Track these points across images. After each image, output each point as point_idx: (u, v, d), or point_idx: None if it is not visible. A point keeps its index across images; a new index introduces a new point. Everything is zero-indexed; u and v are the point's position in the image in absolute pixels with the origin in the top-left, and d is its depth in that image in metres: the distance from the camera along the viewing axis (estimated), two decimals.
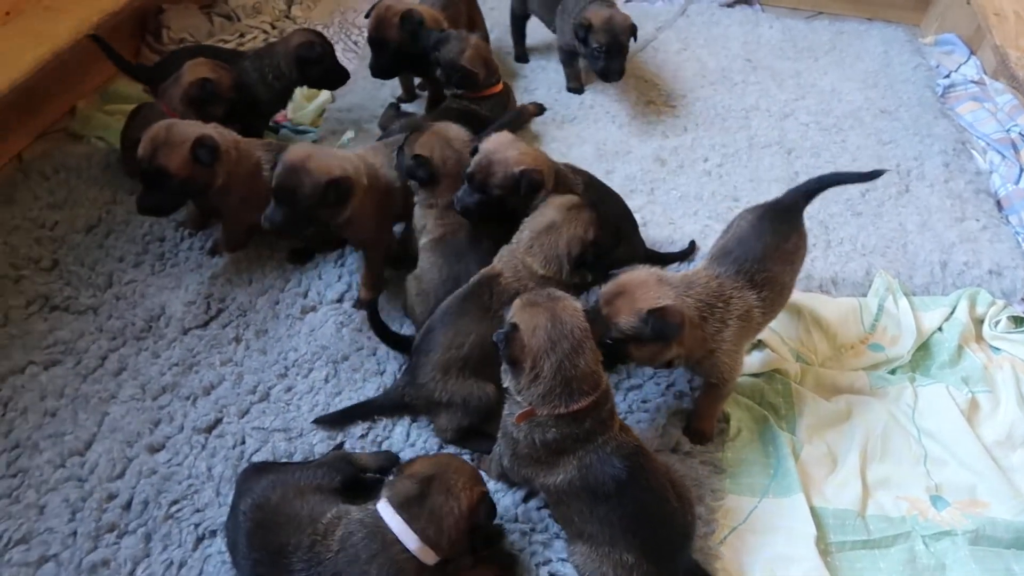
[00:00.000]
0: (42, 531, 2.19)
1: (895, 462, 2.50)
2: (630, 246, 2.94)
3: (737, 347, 2.32)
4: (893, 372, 2.77)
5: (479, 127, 3.12)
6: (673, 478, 2.08)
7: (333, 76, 3.44)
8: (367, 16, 3.49)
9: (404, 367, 2.54)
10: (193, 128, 2.69)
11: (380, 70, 3.52)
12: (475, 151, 2.65)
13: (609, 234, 2.51)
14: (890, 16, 4.93)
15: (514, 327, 1.93)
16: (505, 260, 2.46)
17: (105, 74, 3.94)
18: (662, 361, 2.23)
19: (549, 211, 2.47)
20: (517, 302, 2.00)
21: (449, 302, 2.45)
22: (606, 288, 2.21)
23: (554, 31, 4.09)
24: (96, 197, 3.24)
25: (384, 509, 1.87)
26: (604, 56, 3.60)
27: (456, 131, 2.76)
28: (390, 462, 2.35)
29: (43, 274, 2.90)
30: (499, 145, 2.64)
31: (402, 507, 1.86)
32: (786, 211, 2.44)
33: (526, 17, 4.27)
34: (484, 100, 3.42)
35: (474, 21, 4.01)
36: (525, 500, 2.32)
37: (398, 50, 3.42)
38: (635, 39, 3.72)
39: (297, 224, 2.61)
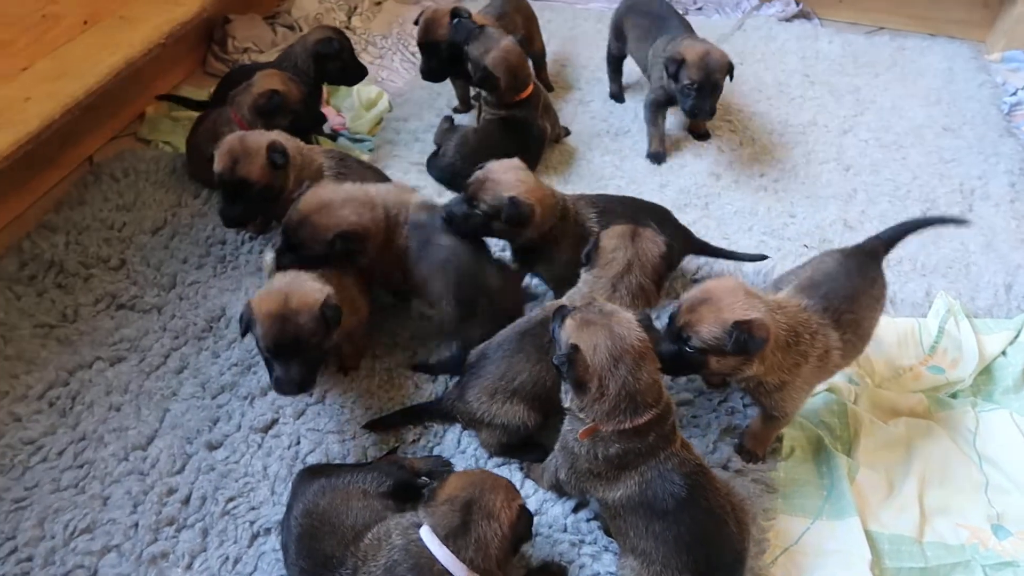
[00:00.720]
0: (105, 521, 2.26)
1: (955, 489, 2.44)
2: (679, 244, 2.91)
3: (808, 386, 2.27)
4: (954, 396, 2.70)
5: (521, 131, 3.39)
6: (733, 500, 2.06)
7: (352, 72, 3.52)
8: (416, 23, 3.58)
9: (456, 380, 2.54)
10: (263, 136, 2.77)
11: (430, 72, 3.60)
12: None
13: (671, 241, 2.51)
14: (954, 32, 4.82)
15: (575, 348, 1.90)
16: (576, 302, 2.33)
17: (173, 81, 4.09)
18: (739, 377, 2.17)
19: (615, 251, 2.38)
20: (570, 322, 1.96)
21: (507, 334, 2.43)
22: (690, 294, 2.14)
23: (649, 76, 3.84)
24: (162, 200, 3.35)
25: (430, 539, 1.82)
26: (695, 94, 3.35)
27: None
28: (442, 466, 2.38)
29: (111, 273, 3.01)
30: (503, 168, 2.63)
31: (448, 538, 1.81)
32: (870, 256, 2.41)
33: (622, 58, 4.10)
34: (515, 105, 3.42)
35: (531, 35, 4.03)
36: (575, 511, 2.32)
37: (448, 50, 3.48)
38: (731, 78, 3.42)
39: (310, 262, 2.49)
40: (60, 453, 2.42)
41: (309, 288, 2.27)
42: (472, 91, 4.02)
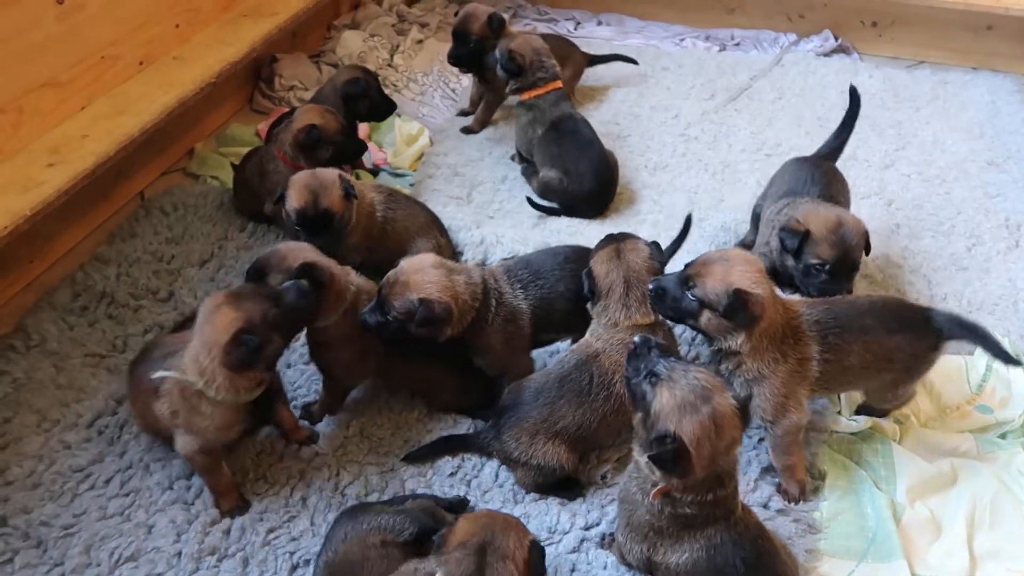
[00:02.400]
0: (150, 550, 2.30)
1: (1005, 532, 2.37)
2: None
3: (788, 391, 2.29)
4: (1003, 436, 2.63)
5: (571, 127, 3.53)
6: (792, 562, 2.04)
7: (381, 108, 3.63)
8: (455, 14, 3.90)
9: (493, 418, 2.53)
10: (329, 171, 2.91)
11: (456, 59, 3.88)
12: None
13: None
14: (997, 65, 4.77)
15: (677, 440, 1.79)
16: (603, 337, 2.39)
17: (222, 118, 4.22)
18: (723, 346, 2.26)
19: (609, 275, 2.38)
20: (667, 398, 1.82)
21: (545, 382, 2.41)
22: (714, 252, 2.28)
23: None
24: (209, 233, 3.44)
25: None
26: (828, 277, 2.63)
27: None
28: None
29: (159, 304, 3.09)
30: (412, 267, 2.45)
31: None
32: (922, 321, 2.42)
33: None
34: (543, 97, 3.54)
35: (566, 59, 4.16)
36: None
37: (476, 44, 3.77)
38: (868, 252, 2.76)
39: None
40: (107, 481, 2.48)
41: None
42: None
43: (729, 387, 2.27)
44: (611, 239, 2.50)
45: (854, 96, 3.21)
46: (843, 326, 2.33)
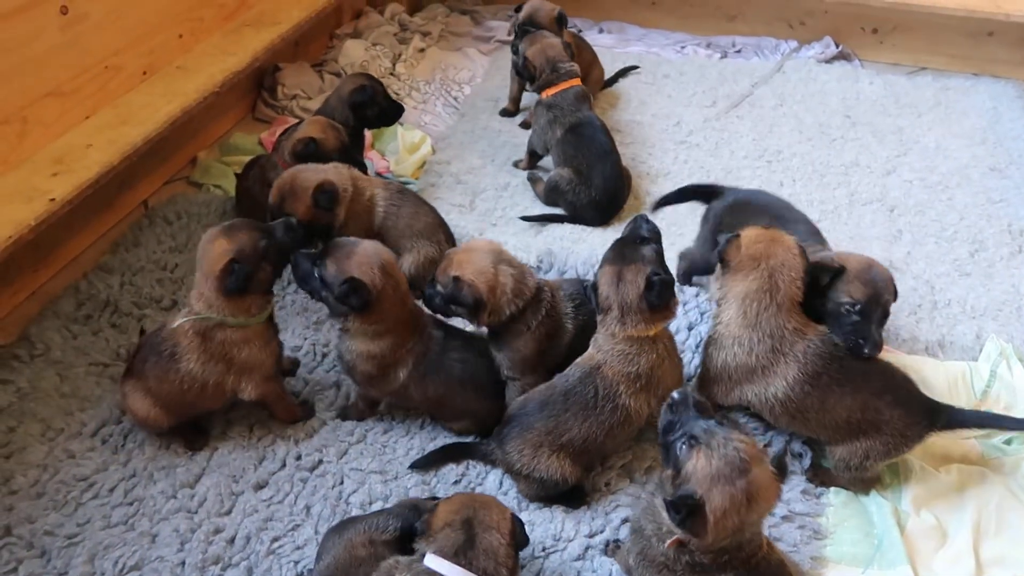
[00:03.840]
0: (153, 559, 2.30)
1: (1011, 539, 2.36)
2: None
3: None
4: (1008, 443, 2.63)
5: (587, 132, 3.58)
6: None
7: (390, 113, 3.63)
8: (517, 10, 4.06)
9: (497, 428, 2.52)
10: (316, 175, 2.94)
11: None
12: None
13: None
14: (998, 71, 4.78)
15: (699, 503, 1.74)
16: (604, 348, 2.36)
17: (225, 127, 4.24)
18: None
19: (608, 299, 2.33)
20: (703, 462, 1.76)
21: (551, 395, 2.39)
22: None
23: None
24: None
25: (438, 562, 1.82)
26: (859, 318, 2.39)
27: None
28: None
29: (163, 313, 3.09)
30: (467, 248, 2.54)
31: (456, 556, 1.83)
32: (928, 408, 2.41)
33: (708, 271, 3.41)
34: (562, 95, 3.61)
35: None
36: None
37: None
38: (895, 298, 2.52)
39: None
40: (111, 490, 2.48)
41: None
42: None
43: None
44: (620, 257, 2.37)
45: None
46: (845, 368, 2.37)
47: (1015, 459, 2.55)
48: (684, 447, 1.81)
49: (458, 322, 2.66)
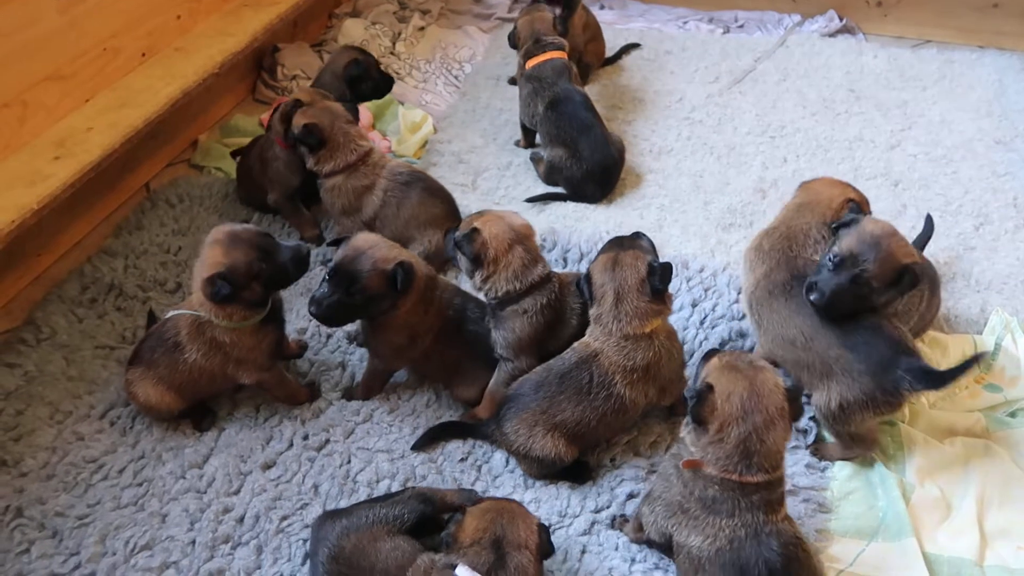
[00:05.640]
0: (164, 538, 2.32)
1: (1016, 510, 2.37)
2: None
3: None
4: (1013, 415, 2.63)
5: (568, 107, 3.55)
6: None
7: (382, 86, 3.63)
8: None
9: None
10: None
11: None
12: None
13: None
14: (1004, 44, 4.73)
15: (709, 387, 1.89)
16: (600, 340, 2.35)
17: (225, 108, 4.22)
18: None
19: (603, 286, 2.34)
20: (716, 360, 1.95)
21: (547, 376, 2.40)
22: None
23: None
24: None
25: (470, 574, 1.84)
26: (832, 268, 2.33)
27: None
28: (473, 502, 2.38)
29: (167, 296, 3.10)
30: (500, 212, 2.57)
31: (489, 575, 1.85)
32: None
33: None
34: (542, 67, 3.63)
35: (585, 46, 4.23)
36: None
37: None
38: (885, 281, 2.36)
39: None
40: (121, 471, 2.50)
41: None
42: None
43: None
44: (617, 244, 2.42)
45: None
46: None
47: (1019, 431, 2.56)
48: (702, 361, 2.01)
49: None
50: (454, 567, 1.86)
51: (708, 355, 2.03)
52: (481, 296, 2.60)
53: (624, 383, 2.33)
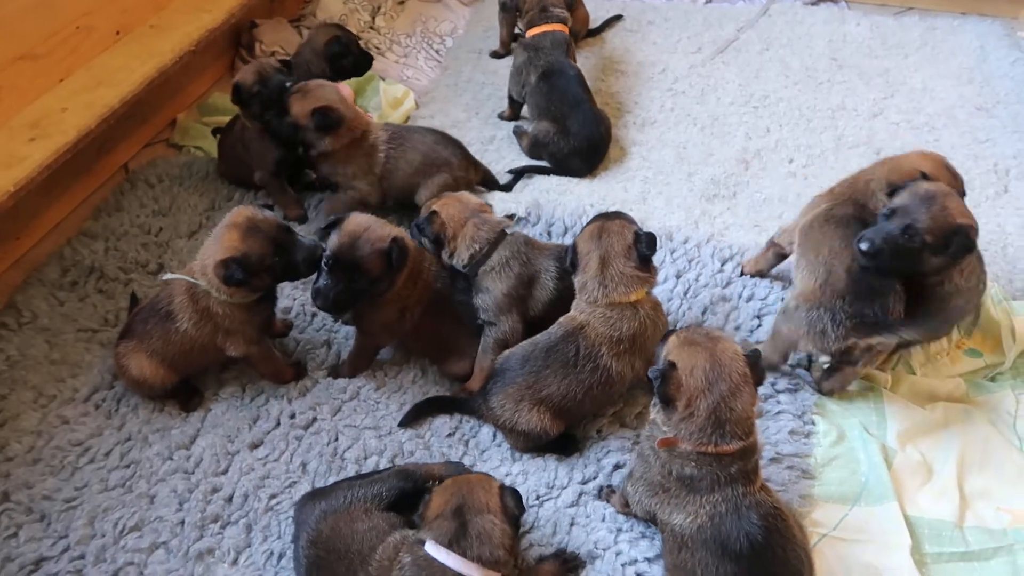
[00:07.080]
0: (153, 519, 2.33)
1: (995, 473, 2.42)
2: None
3: None
4: (992, 379, 2.67)
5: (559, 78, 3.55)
6: (808, 547, 1.99)
7: (361, 63, 3.62)
8: None
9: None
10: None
11: None
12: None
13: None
14: (985, 10, 4.72)
15: (671, 365, 1.91)
16: (586, 311, 2.36)
17: (203, 87, 4.16)
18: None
19: (589, 254, 2.36)
20: (673, 339, 1.98)
21: (532, 351, 2.41)
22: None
23: None
24: (196, 204, 3.41)
25: (436, 550, 1.87)
26: (884, 219, 2.34)
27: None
28: (460, 472, 2.39)
29: (149, 278, 3.07)
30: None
31: (451, 544, 1.87)
32: None
33: None
34: (542, 37, 3.64)
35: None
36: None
37: None
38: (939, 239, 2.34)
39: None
40: (107, 454, 2.49)
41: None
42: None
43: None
44: (602, 216, 2.45)
45: None
46: None
47: (999, 395, 2.59)
48: (661, 343, 2.04)
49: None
50: (423, 543, 1.90)
51: (666, 336, 2.05)
52: (458, 269, 2.63)
53: (610, 354, 2.34)
